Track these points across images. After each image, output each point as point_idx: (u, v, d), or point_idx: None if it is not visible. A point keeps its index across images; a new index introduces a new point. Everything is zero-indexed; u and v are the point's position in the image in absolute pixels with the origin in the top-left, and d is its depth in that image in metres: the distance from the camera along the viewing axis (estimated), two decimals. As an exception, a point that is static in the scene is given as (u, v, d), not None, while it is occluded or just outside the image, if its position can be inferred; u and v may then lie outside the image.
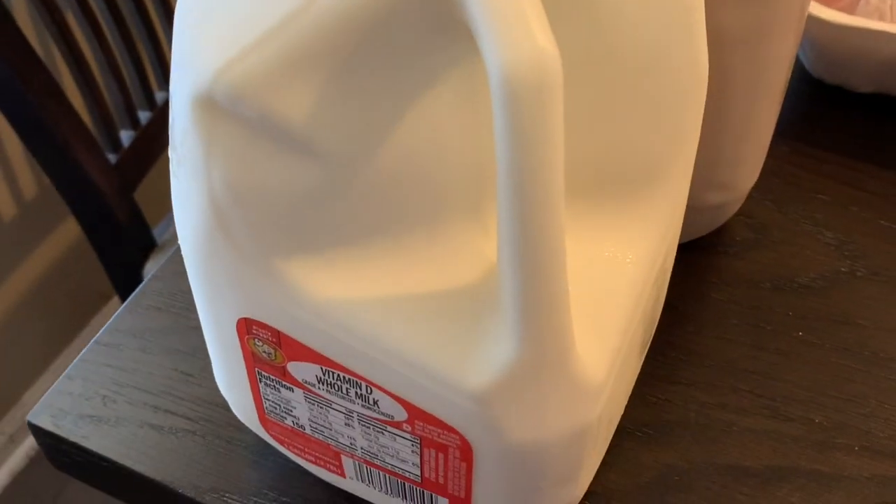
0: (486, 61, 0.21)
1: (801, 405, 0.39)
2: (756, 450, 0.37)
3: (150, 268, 0.86)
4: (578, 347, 0.26)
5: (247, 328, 0.28)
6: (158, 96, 0.92)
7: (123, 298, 0.89)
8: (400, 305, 0.26)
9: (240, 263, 0.26)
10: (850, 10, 0.47)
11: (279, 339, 0.28)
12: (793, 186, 0.47)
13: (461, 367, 0.26)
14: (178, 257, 0.44)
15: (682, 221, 0.32)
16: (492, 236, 0.27)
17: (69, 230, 1.16)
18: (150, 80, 0.91)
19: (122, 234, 0.84)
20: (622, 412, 0.36)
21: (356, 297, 0.26)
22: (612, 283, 0.29)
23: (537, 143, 0.21)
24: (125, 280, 0.88)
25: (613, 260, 0.29)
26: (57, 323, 1.21)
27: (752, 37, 0.34)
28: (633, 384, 0.36)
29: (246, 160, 0.24)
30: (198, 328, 0.41)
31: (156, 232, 0.89)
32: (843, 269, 0.43)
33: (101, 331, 0.41)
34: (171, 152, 0.27)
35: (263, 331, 0.28)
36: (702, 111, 0.29)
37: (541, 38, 0.21)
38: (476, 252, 0.27)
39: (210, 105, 0.23)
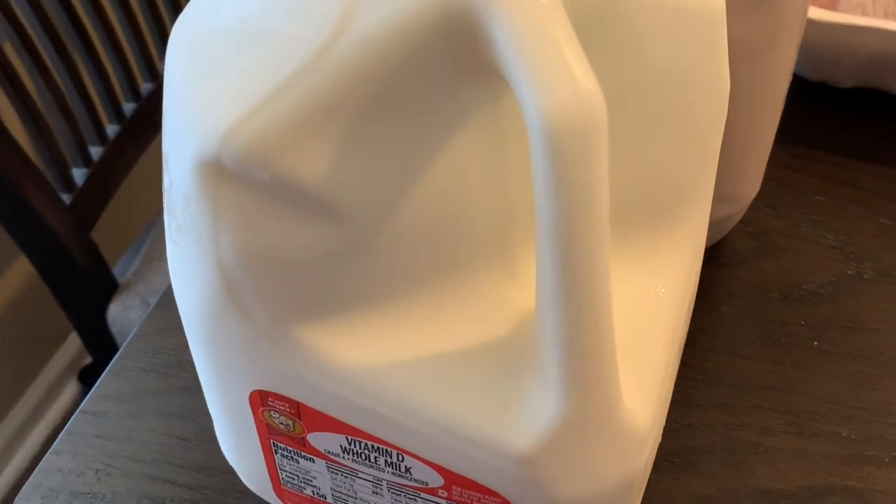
0: (524, 106, 0.19)
1: (826, 419, 0.37)
2: (786, 470, 0.36)
3: (115, 309, 0.82)
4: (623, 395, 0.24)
5: (261, 400, 0.26)
6: (109, 129, 0.88)
7: (87, 343, 0.86)
8: (430, 366, 0.24)
9: (253, 335, 0.24)
10: (832, 6, 0.47)
11: (298, 411, 0.26)
12: (789, 190, 0.46)
13: (502, 428, 0.24)
14: (159, 313, 0.41)
15: (705, 243, 0.31)
16: (521, 282, 0.26)
17: (20, 270, 1.12)
18: (100, 114, 0.88)
19: (81, 276, 0.81)
20: (657, 447, 0.34)
21: (382, 360, 0.24)
22: (647, 317, 0.27)
23: (583, 192, 0.20)
24: (88, 324, 0.84)
25: (646, 292, 0.27)
26: (10, 369, 1.16)
27: (755, 49, 0.33)
28: (665, 416, 0.34)
29: (257, 226, 0.22)
30: (189, 388, 0.38)
31: (116, 271, 0.86)
32: (849, 272, 0.42)
33: (86, 398, 0.38)
34: (167, 218, 0.25)
35: (281, 402, 0.26)
36: (722, 131, 0.28)
37: (583, 79, 0.19)
38: (505, 300, 0.25)
39: (217, 169, 0.21)
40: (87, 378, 1.14)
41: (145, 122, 0.91)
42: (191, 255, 0.24)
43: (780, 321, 0.41)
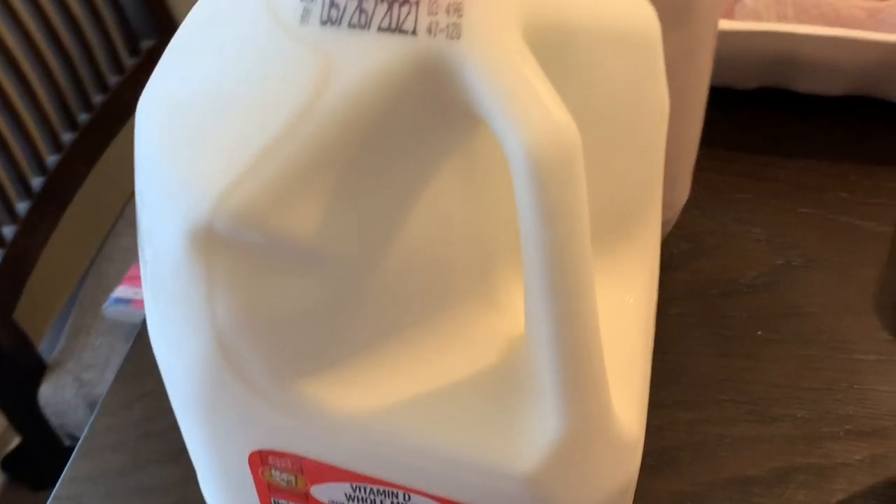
0: (504, 142, 0.20)
1: (781, 403, 0.39)
2: (752, 457, 0.38)
3: (46, 390, 0.80)
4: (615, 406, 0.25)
5: (261, 460, 0.26)
6: (19, 207, 0.86)
7: (20, 430, 0.83)
8: (429, 403, 0.25)
9: (252, 396, 0.24)
10: (729, 15, 0.49)
11: (301, 466, 0.26)
12: (713, 191, 0.48)
13: (506, 453, 0.25)
14: (119, 389, 0.40)
15: (659, 251, 0.32)
16: (502, 309, 0.27)
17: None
18: (9, 195, 0.86)
19: (7, 360, 0.78)
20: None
21: (382, 404, 0.25)
22: (622, 328, 0.28)
23: (568, 218, 0.21)
24: (18, 407, 0.82)
25: (616, 304, 0.28)
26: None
27: (677, 65, 0.35)
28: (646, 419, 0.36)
29: (252, 287, 0.22)
30: (161, 460, 0.38)
31: (42, 350, 0.84)
32: (779, 262, 0.45)
33: (57, 484, 0.37)
34: (150, 291, 0.25)
35: (282, 460, 0.26)
36: (664, 145, 0.29)
37: (557, 113, 0.20)
38: (490, 328, 0.26)
39: (209, 237, 0.21)
40: (12, 465, 1.10)
41: (54, 196, 0.89)
42: (182, 325, 0.24)
43: (724, 316, 0.43)
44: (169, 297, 0.24)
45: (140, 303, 0.76)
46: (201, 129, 0.22)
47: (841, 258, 0.45)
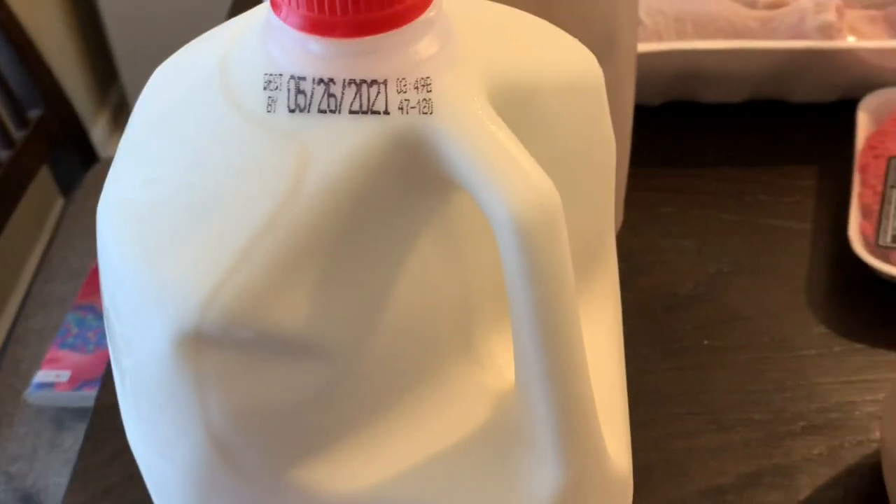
0: (488, 209, 0.20)
1: (736, 409, 0.41)
2: (719, 466, 0.39)
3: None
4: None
5: (261, 551, 0.26)
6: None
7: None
8: (426, 469, 0.25)
9: (250, 491, 0.24)
10: (632, 37, 0.51)
11: (302, 550, 0.26)
12: (637, 209, 0.49)
13: (509, 509, 0.25)
14: (78, 488, 0.39)
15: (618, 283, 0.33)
16: (485, 366, 0.27)
17: None
18: None
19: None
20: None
21: (380, 478, 0.25)
22: (599, 365, 0.29)
23: (555, 277, 0.21)
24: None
25: (592, 344, 0.29)
26: None
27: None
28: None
29: (244, 384, 0.22)
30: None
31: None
32: (711, 271, 0.46)
33: None
34: (127, 401, 0.24)
35: (283, 547, 0.26)
36: (614, 185, 0.30)
37: (537, 177, 0.21)
38: (477, 387, 0.26)
39: (198, 340, 0.21)
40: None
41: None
42: (171, 429, 0.23)
43: (671, 330, 0.44)
44: (156, 404, 0.23)
45: (63, 385, 0.73)
46: (177, 231, 0.21)
47: (768, 259, 0.46)
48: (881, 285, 0.44)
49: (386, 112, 0.20)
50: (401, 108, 0.20)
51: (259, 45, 0.22)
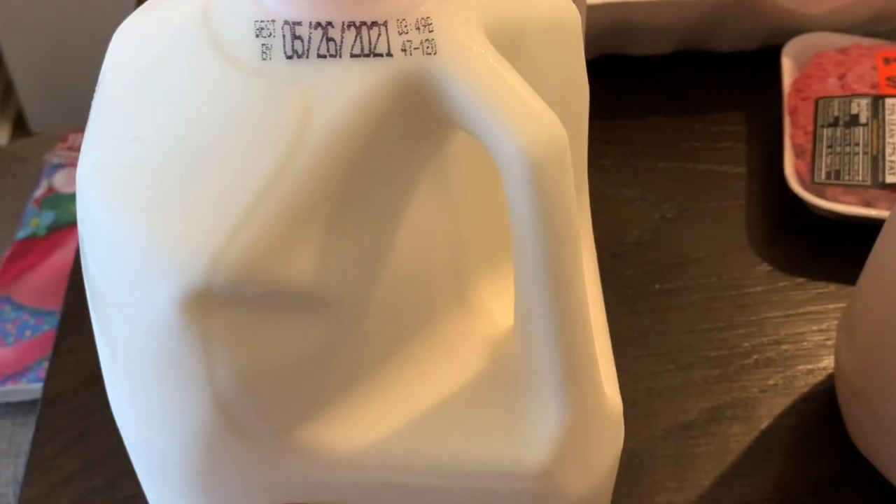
0: (496, 149, 0.20)
1: (693, 348, 0.42)
2: (683, 403, 0.40)
3: None
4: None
5: (266, 517, 0.25)
6: None
7: None
8: (430, 422, 0.25)
9: (257, 454, 0.23)
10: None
11: (311, 512, 0.25)
12: (578, 161, 0.50)
13: (515, 453, 0.25)
14: (36, 479, 0.37)
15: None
16: (476, 314, 0.27)
17: None
18: None
19: None
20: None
21: (385, 433, 0.24)
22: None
23: (565, 214, 0.21)
24: None
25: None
26: None
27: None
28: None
29: (251, 344, 0.21)
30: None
31: None
32: (655, 217, 0.47)
33: None
34: (115, 374, 0.23)
35: (288, 511, 0.25)
36: (587, 126, 0.30)
37: (545, 113, 0.20)
38: (471, 335, 0.26)
39: (206, 299, 0.20)
40: None
41: None
42: (174, 401, 0.22)
43: (621, 276, 0.45)
44: (156, 375, 0.22)
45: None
46: (174, 190, 0.20)
47: (708, 203, 0.48)
48: (818, 221, 0.45)
49: (389, 54, 0.20)
50: (404, 50, 0.20)
51: (245, -7, 0.21)
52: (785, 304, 0.43)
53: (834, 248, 0.45)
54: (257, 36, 0.20)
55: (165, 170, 0.21)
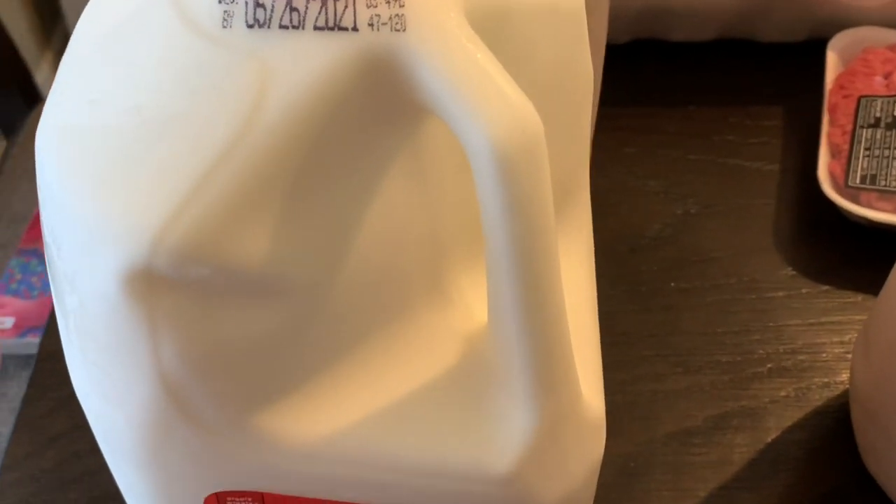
0: (465, 137, 0.19)
1: (704, 351, 0.40)
2: (687, 408, 0.38)
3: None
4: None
5: (219, 502, 0.24)
6: None
7: None
8: (393, 414, 0.24)
9: (205, 439, 0.22)
10: (599, -30, 0.49)
11: (262, 500, 0.24)
12: (603, 149, 0.48)
13: (480, 455, 0.24)
14: (23, 437, 0.37)
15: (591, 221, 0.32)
16: (455, 305, 0.25)
17: None
18: None
19: None
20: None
21: (344, 423, 0.23)
22: (572, 305, 0.27)
23: (536, 210, 0.20)
24: None
25: (564, 281, 0.28)
26: None
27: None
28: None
29: (199, 325, 0.20)
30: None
31: None
32: (678, 212, 0.46)
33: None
34: (74, 342, 0.22)
35: (241, 498, 0.24)
36: (590, 119, 0.29)
37: (518, 101, 0.19)
38: (446, 327, 0.25)
39: (149, 277, 0.19)
40: None
41: None
42: (121, 374, 0.21)
43: (637, 271, 0.43)
44: (103, 346, 0.21)
45: (7, 332, 0.70)
46: (125, 159, 0.19)
47: (736, 200, 0.46)
48: (849, 226, 0.43)
49: (354, 29, 0.19)
50: (370, 25, 0.19)
51: (212, -45, 0.20)
52: (806, 312, 0.41)
53: (864, 256, 0.43)
54: (220, 2, 0.19)
55: (118, 138, 0.20)
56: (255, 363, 0.22)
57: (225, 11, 0.19)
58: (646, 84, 0.51)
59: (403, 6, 0.19)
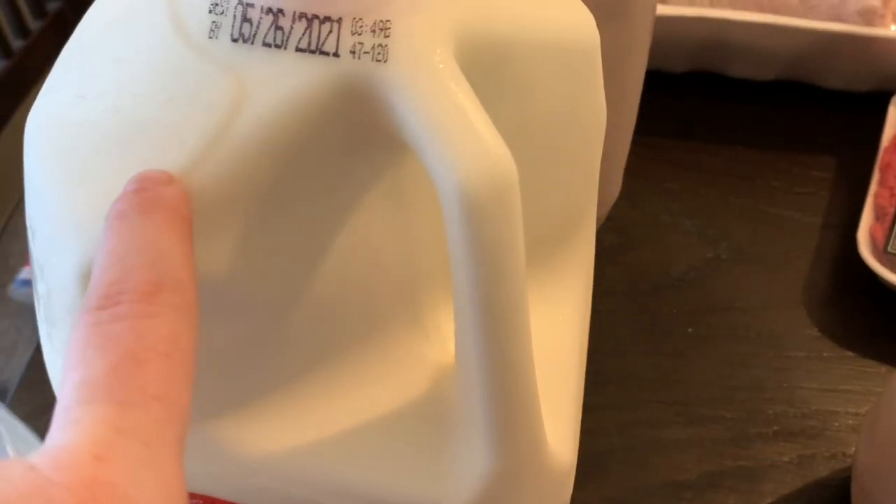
0: (436, 176, 0.19)
1: (710, 403, 0.39)
2: (682, 461, 0.37)
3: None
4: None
5: (172, 500, 0.24)
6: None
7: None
8: (351, 440, 0.23)
9: (159, 438, 0.22)
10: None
11: (214, 504, 0.24)
12: (641, 180, 0.47)
13: (433, 492, 0.23)
14: (24, 397, 0.38)
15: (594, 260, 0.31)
16: (430, 336, 0.25)
17: None
18: None
19: None
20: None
21: (304, 442, 0.23)
22: (556, 347, 0.27)
23: (502, 256, 0.19)
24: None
25: (550, 322, 0.27)
26: None
27: (610, 59, 0.33)
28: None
29: (156, 330, 0.20)
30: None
31: (-58, 332, 0.79)
32: (709, 255, 0.44)
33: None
34: (41, 325, 0.23)
35: (192, 500, 0.24)
36: (601, 154, 0.28)
37: (493, 146, 0.18)
38: (418, 358, 0.25)
39: (106, 279, 0.19)
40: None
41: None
42: (79, 366, 0.22)
43: (655, 312, 0.42)
44: (64, 335, 0.21)
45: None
46: (98, 156, 0.19)
47: (770, 251, 0.44)
48: (885, 293, 0.41)
49: (336, 54, 0.18)
50: (352, 52, 0.18)
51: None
52: (824, 377, 0.40)
53: (894, 327, 0.41)
54: (210, 11, 0.19)
55: (94, 134, 0.20)
56: (212, 374, 0.21)
57: (213, 22, 0.19)
58: (696, 118, 0.50)
59: (388, 37, 0.18)
